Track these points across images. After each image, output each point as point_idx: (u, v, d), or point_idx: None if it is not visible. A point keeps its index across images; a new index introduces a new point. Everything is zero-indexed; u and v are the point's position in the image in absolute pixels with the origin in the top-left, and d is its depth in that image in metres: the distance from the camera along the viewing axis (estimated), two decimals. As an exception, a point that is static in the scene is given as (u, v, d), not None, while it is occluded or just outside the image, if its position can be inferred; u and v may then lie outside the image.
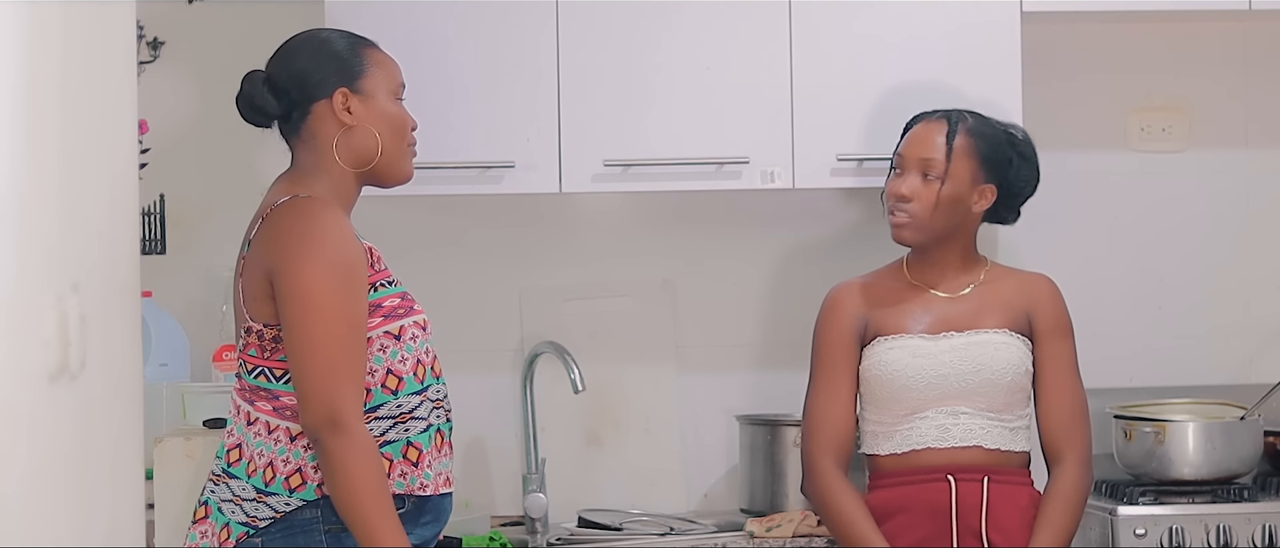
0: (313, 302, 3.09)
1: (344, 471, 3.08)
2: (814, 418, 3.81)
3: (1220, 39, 4.55)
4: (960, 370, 3.72)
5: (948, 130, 3.77)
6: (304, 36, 3.33)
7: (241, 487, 3.18)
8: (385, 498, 3.12)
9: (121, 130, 2.50)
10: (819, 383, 3.82)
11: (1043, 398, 3.79)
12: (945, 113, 3.81)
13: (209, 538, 3.20)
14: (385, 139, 3.27)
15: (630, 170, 4.13)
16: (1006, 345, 3.74)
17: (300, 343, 3.09)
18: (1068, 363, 3.80)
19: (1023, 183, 3.83)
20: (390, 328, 3.19)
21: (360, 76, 3.27)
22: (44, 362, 2.13)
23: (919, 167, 3.76)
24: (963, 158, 3.75)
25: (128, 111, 2.54)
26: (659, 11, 4.13)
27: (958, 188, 3.75)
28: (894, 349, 3.75)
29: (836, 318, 3.83)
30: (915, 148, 3.78)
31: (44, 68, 2.16)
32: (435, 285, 4.35)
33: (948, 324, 3.78)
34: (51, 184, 2.18)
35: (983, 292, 3.81)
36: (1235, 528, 4.04)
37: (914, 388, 3.73)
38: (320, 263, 3.11)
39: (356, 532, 3.11)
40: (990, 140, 3.79)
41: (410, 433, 3.20)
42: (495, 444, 4.45)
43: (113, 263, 2.43)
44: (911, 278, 3.84)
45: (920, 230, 3.77)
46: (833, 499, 3.74)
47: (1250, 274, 4.58)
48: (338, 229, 3.16)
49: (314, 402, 3.08)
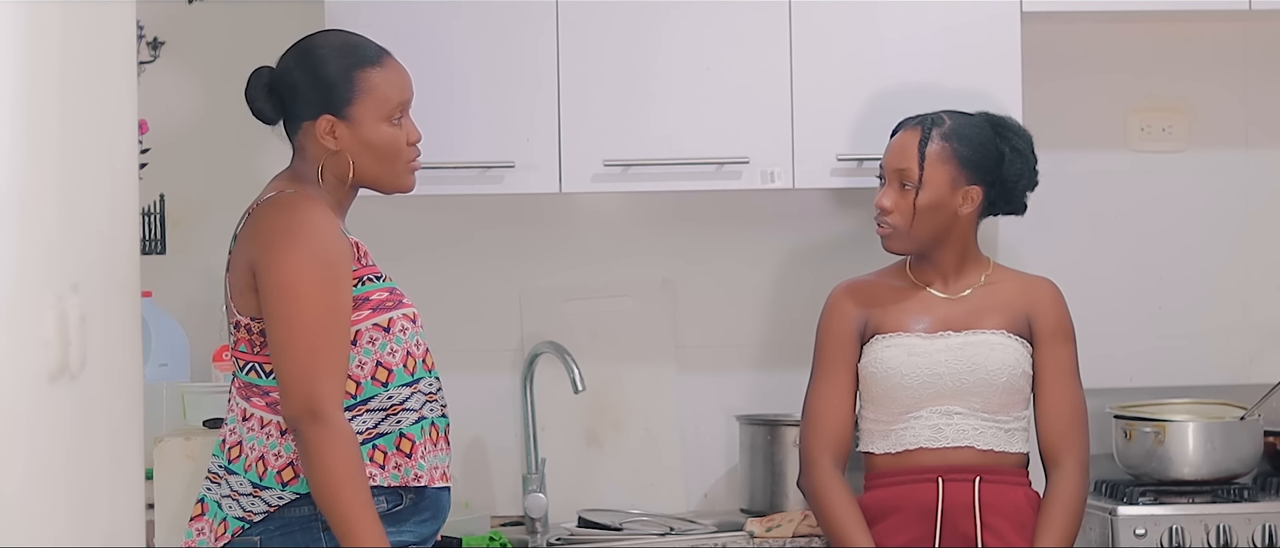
0: (293, 293, 3.10)
1: (321, 461, 3.08)
2: (813, 415, 3.82)
3: (1220, 39, 4.55)
4: (955, 370, 3.72)
5: (920, 137, 3.76)
6: (306, 46, 3.31)
7: (239, 483, 3.19)
8: (363, 491, 3.11)
9: (121, 130, 2.50)
10: (819, 380, 3.83)
11: (1041, 402, 3.79)
12: (921, 119, 3.81)
13: (206, 535, 3.20)
14: (370, 164, 3.26)
15: (630, 170, 4.13)
16: (1003, 346, 3.74)
17: (280, 334, 3.10)
18: (1067, 367, 3.79)
19: (1017, 175, 3.82)
20: (379, 321, 3.20)
21: (348, 104, 3.24)
22: (44, 362, 2.13)
23: (896, 177, 3.77)
24: (937, 164, 3.75)
25: (128, 111, 2.54)
26: (659, 11, 4.13)
27: (935, 194, 3.75)
28: (891, 347, 3.76)
29: (837, 316, 3.84)
30: (892, 158, 3.79)
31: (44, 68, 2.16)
32: (435, 285, 4.35)
33: (946, 324, 3.78)
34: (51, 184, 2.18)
35: (984, 293, 3.81)
36: (1235, 528, 4.04)
37: (909, 386, 3.73)
38: (301, 255, 3.12)
39: (333, 523, 3.10)
40: (970, 141, 3.78)
41: (402, 425, 3.20)
42: (495, 444, 4.45)
43: (113, 263, 2.43)
44: (913, 278, 3.85)
45: (903, 240, 3.78)
46: (825, 497, 3.75)
47: (1250, 274, 4.58)
48: (320, 223, 3.16)
49: (293, 392, 3.09)
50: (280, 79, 3.28)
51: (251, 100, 3.29)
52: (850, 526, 3.71)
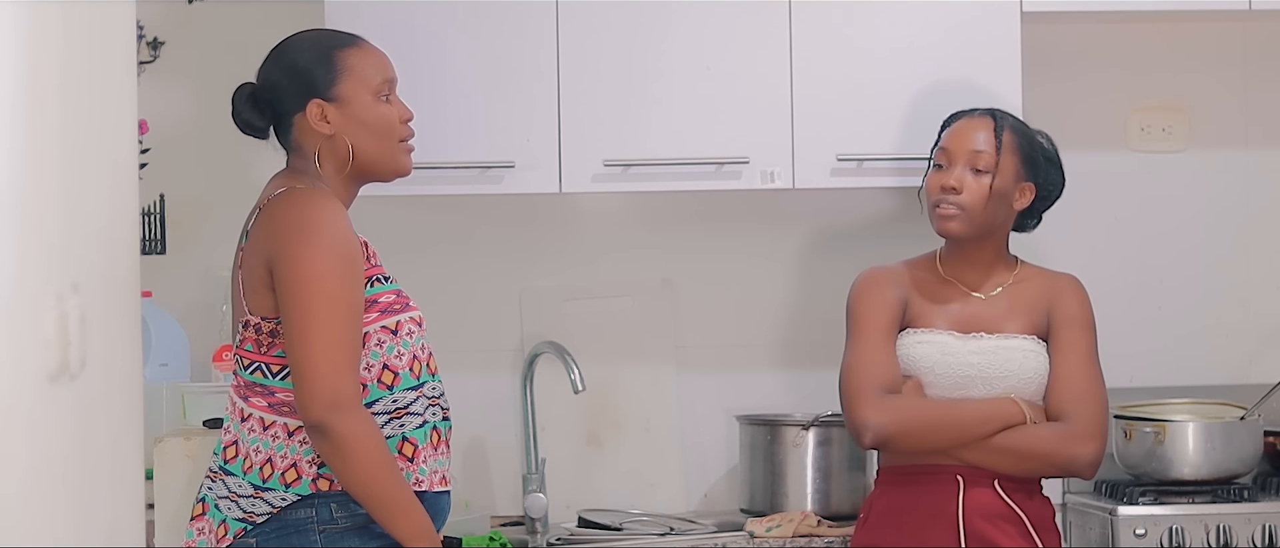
0: (314, 287, 3.08)
1: (358, 451, 3.07)
2: (856, 368, 3.68)
3: (1220, 39, 4.55)
4: (987, 374, 3.69)
5: (995, 126, 3.76)
6: (280, 47, 3.31)
7: (237, 484, 3.18)
8: (400, 474, 3.13)
9: (121, 130, 2.50)
10: (861, 345, 3.71)
11: (1051, 380, 3.71)
12: (989, 110, 3.81)
13: (206, 536, 3.20)
14: (367, 142, 3.26)
15: (630, 170, 4.13)
16: (1035, 353, 3.71)
17: (300, 329, 3.08)
18: (1081, 349, 3.72)
19: (1052, 186, 3.84)
20: (387, 323, 3.19)
21: (332, 85, 3.24)
22: (44, 362, 2.13)
23: (968, 159, 3.74)
24: (1010, 153, 3.75)
25: (128, 111, 2.54)
26: (659, 11, 4.13)
27: (1006, 183, 3.75)
28: (923, 344, 3.72)
29: (877, 292, 3.76)
30: (963, 142, 3.75)
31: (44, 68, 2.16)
32: (435, 285, 4.35)
33: (977, 324, 3.75)
34: (51, 184, 2.18)
35: (1013, 293, 3.78)
36: (1235, 528, 4.04)
37: (940, 386, 3.69)
38: (321, 250, 3.10)
39: (379, 509, 3.10)
40: (1030, 140, 3.80)
41: (406, 429, 3.20)
42: (495, 444, 4.45)
43: (113, 263, 2.43)
44: (945, 273, 3.82)
45: (969, 223, 3.74)
46: (918, 405, 3.65)
47: (1250, 274, 4.58)
48: (336, 218, 3.15)
49: (317, 386, 3.06)
50: (261, 86, 3.28)
51: (238, 114, 3.28)
52: (980, 405, 3.65)
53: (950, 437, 3.65)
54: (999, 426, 3.64)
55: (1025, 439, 3.65)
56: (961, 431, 3.65)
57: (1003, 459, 3.64)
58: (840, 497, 4.21)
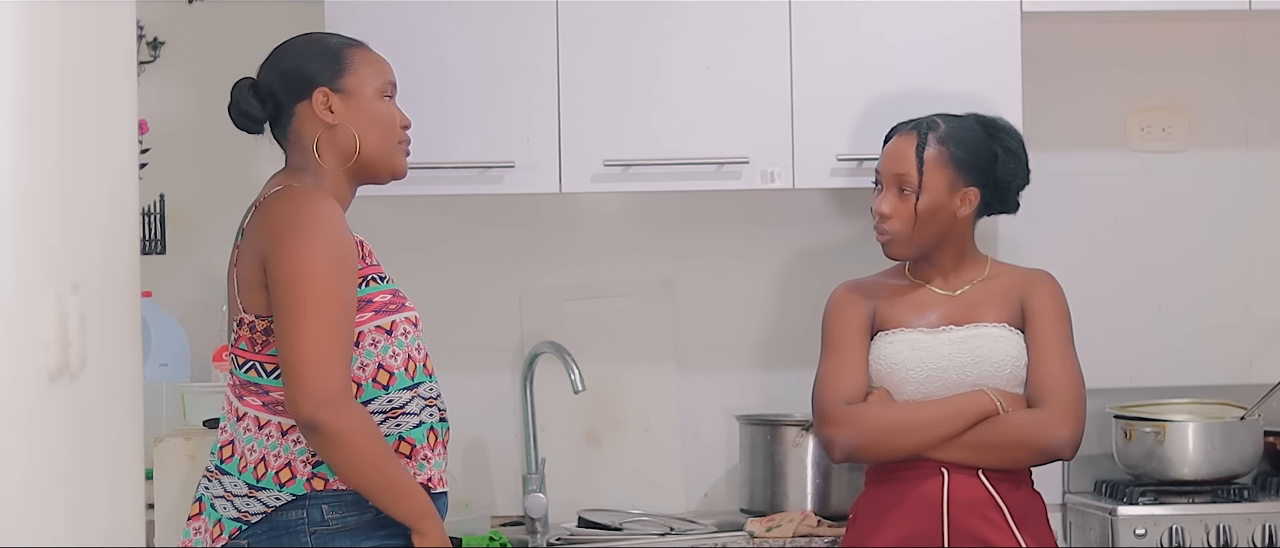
0: (307, 284, 3.08)
1: (354, 444, 3.07)
2: (822, 384, 3.74)
3: (1220, 39, 4.55)
4: (959, 363, 3.71)
5: (917, 142, 3.76)
6: (288, 42, 3.34)
7: (233, 483, 3.18)
8: (396, 458, 3.13)
9: (121, 130, 2.50)
10: (831, 360, 3.77)
11: (1029, 372, 3.71)
12: (916, 123, 3.80)
13: (202, 535, 3.20)
14: (369, 137, 3.27)
15: (630, 170, 4.13)
16: (1005, 338, 3.73)
17: (291, 325, 3.07)
18: (1055, 339, 3.71)
19: (1011, 175, 3.81)
20: (382, 323, 3.19)
21: (341, 75, 3.27)
22: (44, 362, 2.13)
23: (894, 182, 3.76)
24: (935, 168, 3.74)
25: (128, 111, 2.54)
26: (659, 11, 4.13)
27: (934, 198, 3.74)
28: (893, 343, 3.75)
29: (847, 306, 3.81)
30: (889, 164, 3.78)
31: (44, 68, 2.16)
32: (435, 285, 4.35)
33: (948, 319, 3.77)
34: (51, 184, 2.18)
35: (983, 288, 3.80)
36: (1235, 528, 4.04)
37: (914, 380, 3.71)
38: (314, 247, 3.10)
39: (382, 498, 3.11)
40: (965, 144, 3.77)
41: (402, 428, 3.19)
42: (495, 444, 4.45)
43: (113, 263, 2.43)
44: (913, 277, 3.84)
45: (905, 245, 3.76)
46: (883, 410, 3.67)
47: (1250, 274, 4.58)
48: (331, 216, 3.15)
49: (309, 383, 3.05)
50: (267, 75, 3.29)
51: (237, 106, 3.29)
52: (947, 403, 3.65)
53: (920, 439, 3.66)
54: (970, 420, 3.65)
55: (1002, 429, 3.65)
56: (931, 431, 3.66)
57: (984, 454, 3.65)
58: (840, 497, 4.21)
